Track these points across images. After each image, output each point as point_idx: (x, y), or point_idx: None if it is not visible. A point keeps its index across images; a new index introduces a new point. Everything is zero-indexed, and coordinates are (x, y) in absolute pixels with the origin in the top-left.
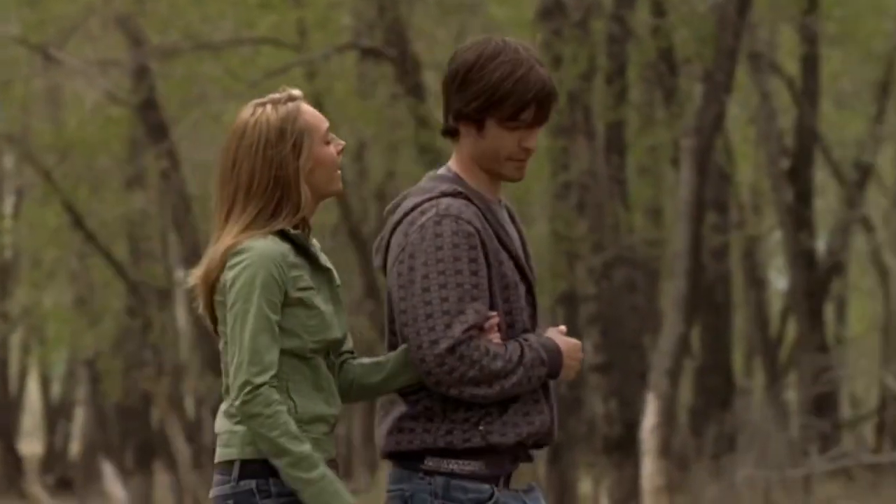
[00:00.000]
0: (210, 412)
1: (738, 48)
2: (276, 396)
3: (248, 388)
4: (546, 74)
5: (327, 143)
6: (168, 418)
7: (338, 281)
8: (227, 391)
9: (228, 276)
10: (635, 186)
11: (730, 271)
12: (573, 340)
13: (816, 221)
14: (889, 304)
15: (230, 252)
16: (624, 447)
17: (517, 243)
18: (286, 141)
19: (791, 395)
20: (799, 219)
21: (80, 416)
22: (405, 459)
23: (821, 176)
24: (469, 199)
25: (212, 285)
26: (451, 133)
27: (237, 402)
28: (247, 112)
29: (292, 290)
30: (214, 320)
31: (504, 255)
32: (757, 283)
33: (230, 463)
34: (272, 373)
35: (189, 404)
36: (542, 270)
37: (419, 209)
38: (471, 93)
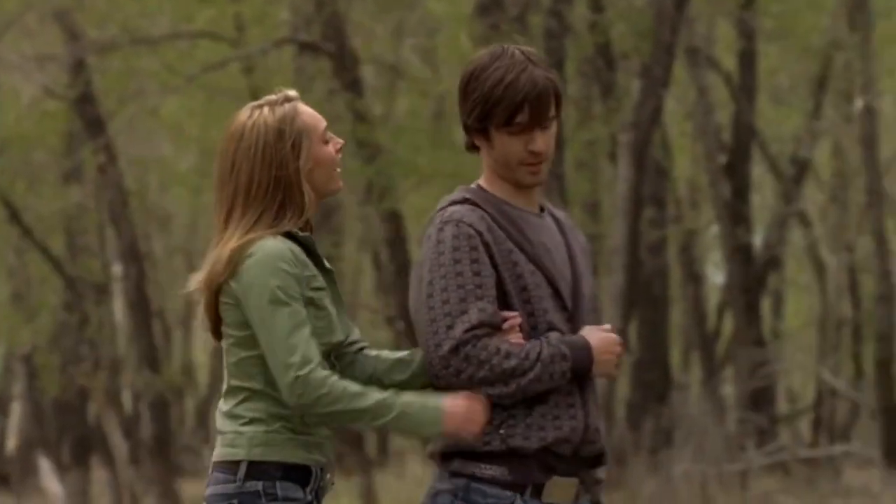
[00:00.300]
0: (147, 407)
1: (675, 43)
2: (322, 373)
3: (297, 384)
4: (540, 75)
5: (326, 142)
6: (105, 413)
7: (338, 283)
8: (229, 393)
9: (244, 280)
10: (573, 181)
11: (667, 266)
12: (608, 335)
13: (753, 216)
14: (825, 299)
15: (239, 254)
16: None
17: (554, 250)
18: (285, 141)
19: (728, 390)
20: (736, 214)
21: (16, 411)
22: (441, 460)
23: (758, 171)
24: (477, 205)
25: (217, 288)
26: (471, 148)
27: (293, 402)
28: (244, 115)
29: (306, 289)
30: (215, 322)
31: (521, 258)
32: (694, 277)
33: (235, 463)
34: (316, 361)
35: (126, 399)
36: None
37: (431, 221)
38: (469, 104)
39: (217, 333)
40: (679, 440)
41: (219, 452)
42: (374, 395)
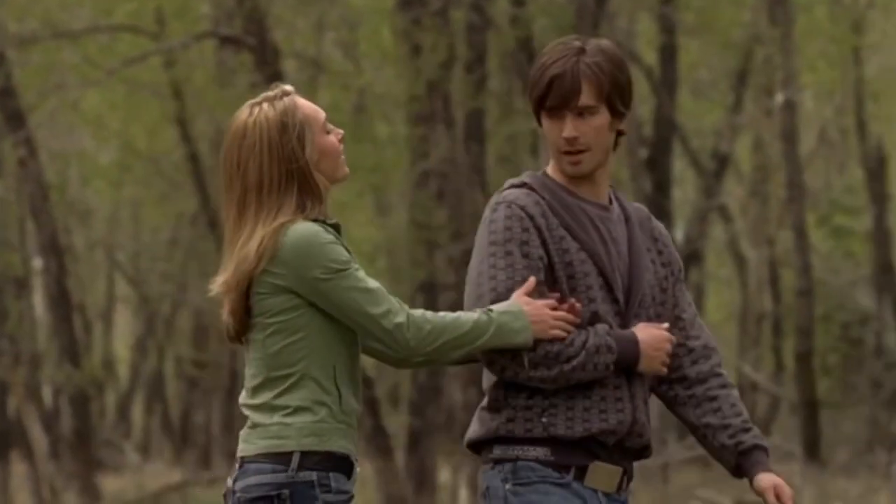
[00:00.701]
0: (68, 401)
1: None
2: (416, 312)
3: (401, 329)
4: (582, 61)
5: (327, 132)
6: (25, 408)
7: None
8: (264, 385)
9: (292, 262)
10: (494, 175)
11: None
12: (659, 332)
13: (674, 211)
14: (746, 293)
15: (273, 243)
16: None
17: (612, 243)
18: (290, 134)
19: None
20: (657, 208)
21: None
22: (477, 450)
23: (679, 165)
24: (533, 190)
25: (248, 286)
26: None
27: (405, 347)
28: (244, 113)
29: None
30: (241, 325)
31: (572, 245)
32: None
33: (284, 454)
34: (390, 299)
35: (46, 393)
36: (401, 259)
37: (489, 203)
38: (527, 88)
39: (238, 334)
40: None
41: (259, 445)
42: (469, 317)
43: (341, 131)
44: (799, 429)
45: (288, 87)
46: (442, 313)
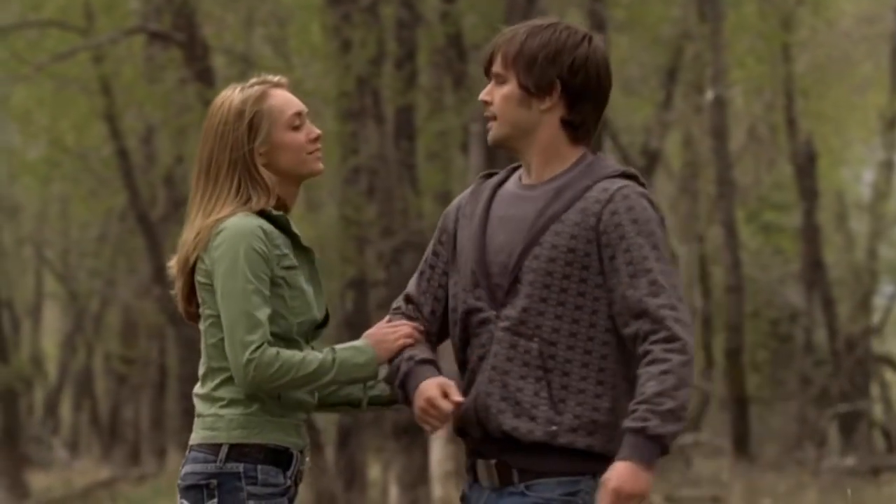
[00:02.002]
0: None
1: None
2: (271, 351)
3: (250, 365)
4: (510, 31)
5: (295, 128)
6: None
7: (317, 262)
8: (207, 375)
9: (214, 255)
10: (425, 171)
11: None
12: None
13: None
14: None
15: (208, 232)
16: (413, 432)
17: (500, 225)
18: (242, 122)
19: None
20: None
21: None
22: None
23: None
24: (490, 175)
25: (190, 268)
26: None
27: (245, 381)
28: (223, 93)
29: (277, 267)
30: (187, 303)
31: (463, 234)
32: None
33: (216, 445)
34: (264, 329)
35: None
36: (331, 256)
37: None
38: None
39: (189, 315)
40: None
41: (199, 435)
42: (315, 356)
43: (317, 131)
44: (728, 425)
45: (275, 78)
46: (292, 354)
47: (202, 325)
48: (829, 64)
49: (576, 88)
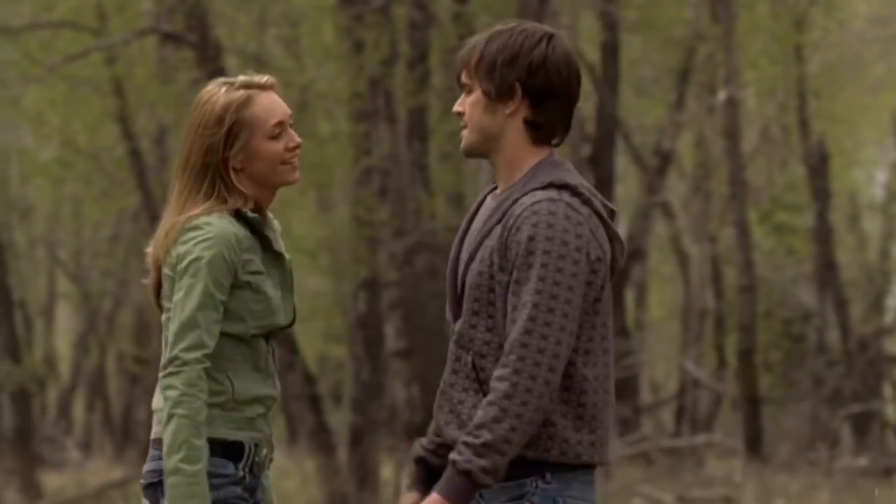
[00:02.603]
0: (9, 398)
1: None
2: (201, 380)
3: (176, 362)
4: (485, 38)
5: (274, 137)
6: None
7: (290, 267)
8: (162, 369)
9: (181, 250)
10: (437, 172)
11: None
12: None
13: (617, 207)
14: (688, 290)
15: (179, 228)
16: (425, 432)
17: (468, 237)
18: (221, 128)
19: None
20: None
21: None
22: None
23: (622, 162)
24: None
25: (161, 260)
26: None
27: (161, 373)
28: (209, 89)
29: (242, 272)
30: (158, 297)
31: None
32: None
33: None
34: (205, 351)
35: None
36: (343, 256)
37: None
38: None
39: (161, 307)
40: None
41: (155, 430)
42: (202, 443)
43: (297, 140)
44: (741, 425)
45: (261, 80)
46: (199, 413)
47: (164, 318)
48: (842, 65)
49: (537, 89)
